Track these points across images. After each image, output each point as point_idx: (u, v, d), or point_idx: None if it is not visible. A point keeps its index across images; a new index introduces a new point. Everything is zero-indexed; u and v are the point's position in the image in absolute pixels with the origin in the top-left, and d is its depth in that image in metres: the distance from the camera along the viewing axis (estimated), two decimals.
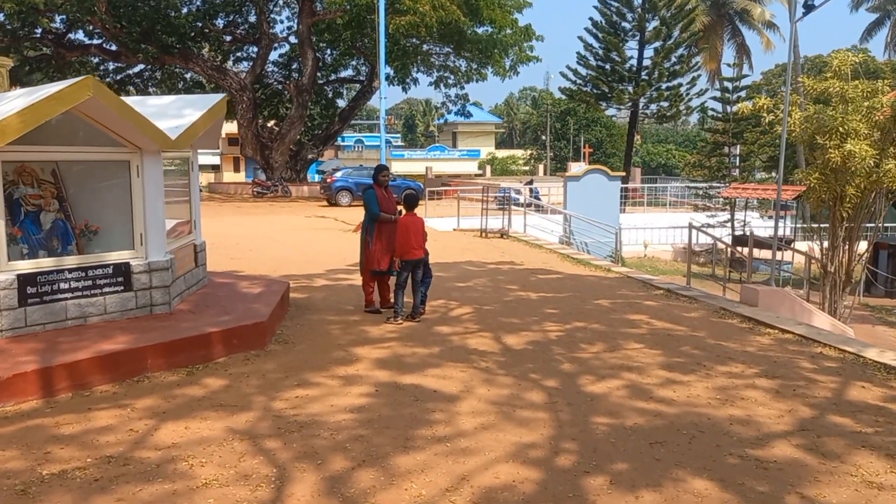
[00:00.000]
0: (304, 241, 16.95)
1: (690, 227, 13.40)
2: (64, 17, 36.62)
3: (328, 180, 32.70)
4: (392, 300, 8.94)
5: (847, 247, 10.31)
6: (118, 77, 42.38)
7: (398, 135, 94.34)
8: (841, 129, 9.79)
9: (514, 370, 6.76)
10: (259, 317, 7.31)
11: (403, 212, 9.02)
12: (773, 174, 37.66)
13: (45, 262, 6.65)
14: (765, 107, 10.98)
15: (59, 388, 5.69)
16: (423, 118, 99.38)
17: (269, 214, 25.33)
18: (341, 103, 48.92)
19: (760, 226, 25.99)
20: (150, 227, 7.22)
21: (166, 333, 6.68)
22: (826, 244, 10.62)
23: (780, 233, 28.47)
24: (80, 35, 38.69)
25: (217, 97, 7.84)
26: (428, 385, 6.27)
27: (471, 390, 6.15)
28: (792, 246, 18.91)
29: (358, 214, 15.66)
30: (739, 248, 19.46)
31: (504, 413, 5.59)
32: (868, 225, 11.97)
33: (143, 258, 7.22)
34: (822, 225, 11.24)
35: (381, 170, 9.57)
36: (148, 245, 7.23)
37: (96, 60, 39.61)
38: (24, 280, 6.42)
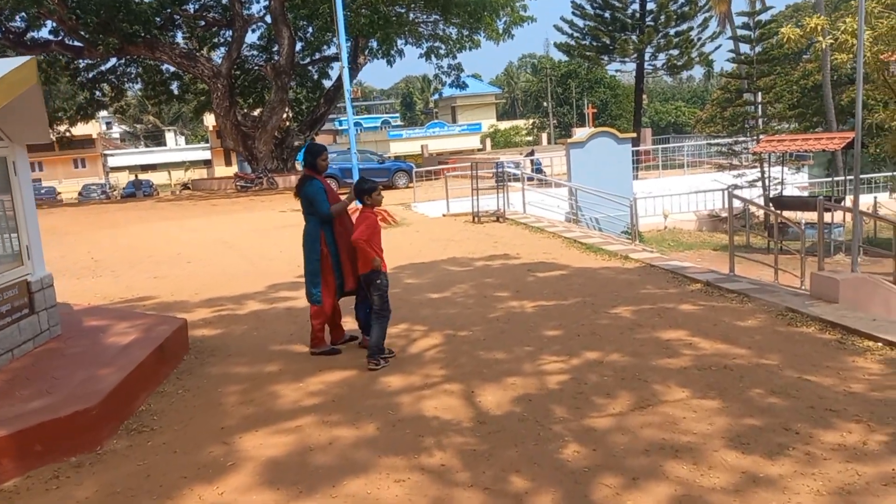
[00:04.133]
0: (264, 245, 14.32)
1: (728, 193, 10.61)
2: (23, 14, 34.04)
3: None
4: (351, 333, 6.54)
5: None
6: (90, 75, 39.89)
7: (397, 114, 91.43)
8: None
9: (488, 469, 4.11)
10: (85, 400, 4.68)
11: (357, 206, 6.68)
12: (795, 124, 34.53)
13: None
14: (819, 28, 8.15)
15: None
16: (421, 95, 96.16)
17: (244, 212, 22.70)
18: (329, 85, 46.12)
19: (793, 183, 23.08)
20: None
21: None
22: None
23: (809, 190, 25.51)
24: (45, 33, 36.14)
25: (13, 61, 5.19)
26: None
27: None
28: (843, 205, 16.06)
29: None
30: (780, 213, 16.67)
31: None
32: None
33: None
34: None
35: (318, 152, 6.85)
36: None
37: (65, 59, 37.00)
38: None
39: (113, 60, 38.50)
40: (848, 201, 17.90)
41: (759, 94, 24.12)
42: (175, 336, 6.47)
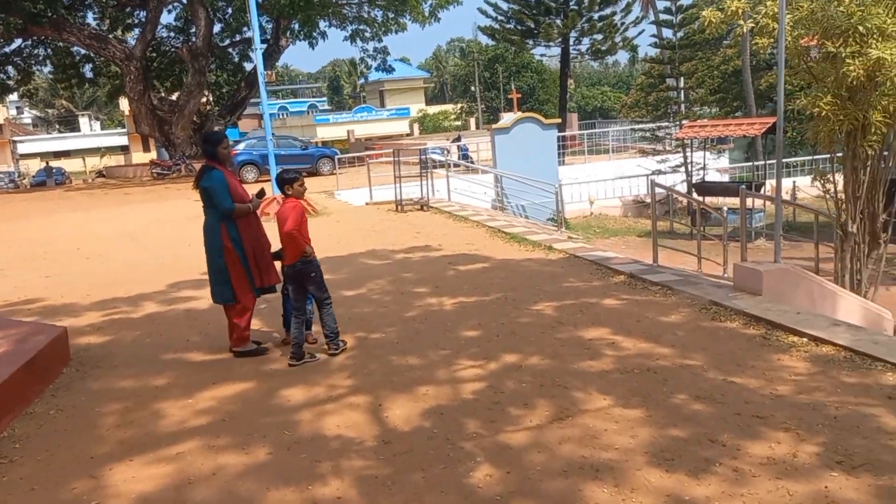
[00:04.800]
0: (173, 237, 13.49)
1: (651, 182, 10.42)
2: None
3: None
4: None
5: (872, 196, 7.45)
6: None
7: (324, 99, 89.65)
8: (861, 27, 6.87)
9: (388, 499, 3.66)
10: None
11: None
12: (716, 109, 35.16)
13: None
14: (740, 11, 7.94)
15: None
16: (348, 79, 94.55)
17: (157, 201, 21.54)
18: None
19: (715, 167, 23.39)
20: None
21: None
22: (841, 194, 7.76)
23: (730, 174, 25.95)
24: None
25: None
26: None
27: None
28: (763, 191, 16.25)
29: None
30: (703, 200, 16.76)
31: None
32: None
33: None
34: (815, 157, 8.30)
35: (217, 140, 6.28)
36: None
37: None
38: None
39: (18, 41, 36.22)
40: (768, 185, 18.16)
41: (682, 79, 24.31)
42: (51, 347, 5.79)
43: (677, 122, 22.37)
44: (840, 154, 8.13)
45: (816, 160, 21.78)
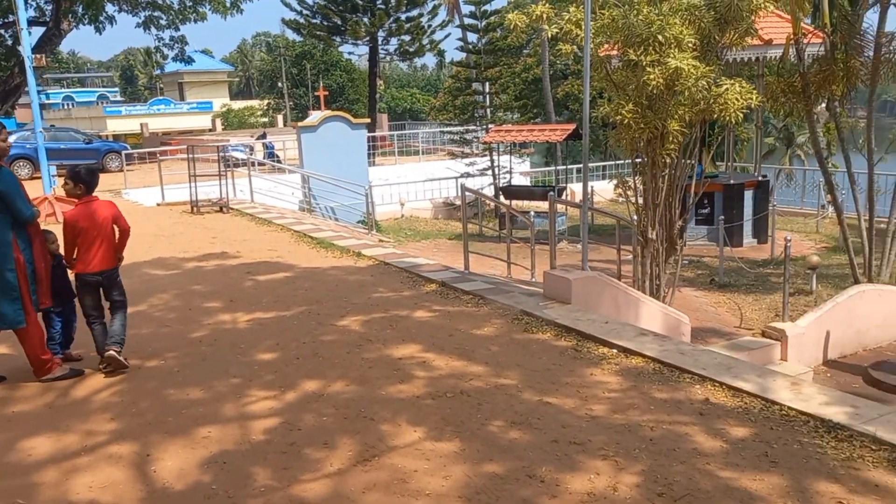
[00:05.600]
0: None
1: (461, 187, 10.19)
2: None
3: None
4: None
5: (670, 203, 7.66)
6: None
7: (116, 89, 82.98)
8: (660, 37, 6.97)
9: None
10: None
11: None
12: (518, 115, 36.53)
13: None
14: (545, 16, 7.86)
15: None
16: (143, 69, 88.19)
17: None
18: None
19: (522, 171, 24.05)
20: None
21: None
22: (641, 199, 7.90)
23: (533, 177, 26.91)
24: None
25: None
26: None
27: None
28: (566, 197, 16.76)
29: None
30: (510, 203, 16.99)
31: None
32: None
33: None
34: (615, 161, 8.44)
35: None
36: None
37: None
38: None
39: None
40: (569, 189, 18.84)
41: (487, 84, 24.77)
42: None
43: (484, 126, 22.72)
44: (640, 160, 8.32)
45: (612, 165, 23.09)
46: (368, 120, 26.45)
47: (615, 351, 5.62)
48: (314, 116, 19.32)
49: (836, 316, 8.39)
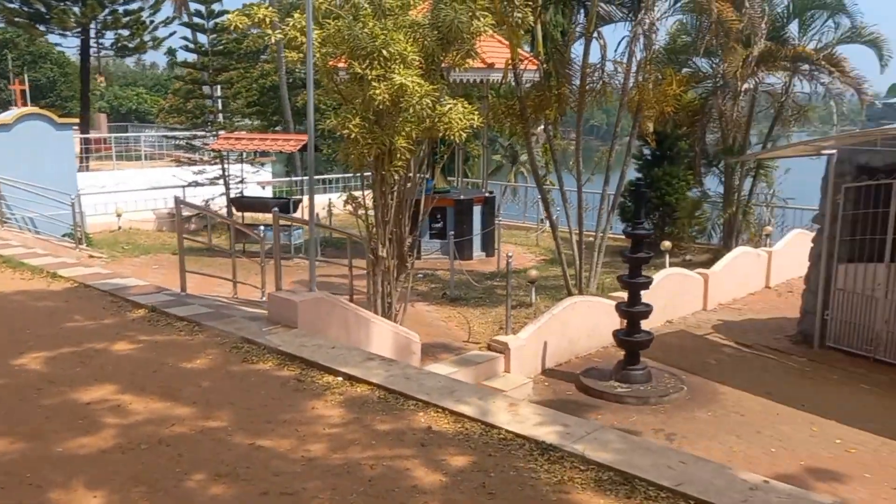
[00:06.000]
0: None
1: (177, 201, 9.29)
2: None
3: None
4: None
5: (399, 219, 7.52)
6: None
7: None
8: (385, 52, 6.82)
9: None
10: None
11: None
12: (254, 121, 35.30)
13: None
14: (267, 19, 7.38)
15: None
16: None
17: None
18: None
19: (260, 181, 23.01)
20: None
21: None
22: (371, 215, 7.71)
23: (273, 186, 26.06)
24: None
25: None
26: None
27: None
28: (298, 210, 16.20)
29: None
30: (240, 214, 16.12)
31: None
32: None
33: None
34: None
35: None
36: None
37: None
38: None
39: None
40: (306, 200, 18.35)
41: (220, 88, 23.43)
42: None
43: (214, 133, 21.42)
44: (369, 174, 8.15)
45: (352, 178, 23.02)
46: (79, 119, 23.82)
47: (340, 379, 5.29)
48: (8, 114, 16.79)
49: (552, 327, 8.90)
